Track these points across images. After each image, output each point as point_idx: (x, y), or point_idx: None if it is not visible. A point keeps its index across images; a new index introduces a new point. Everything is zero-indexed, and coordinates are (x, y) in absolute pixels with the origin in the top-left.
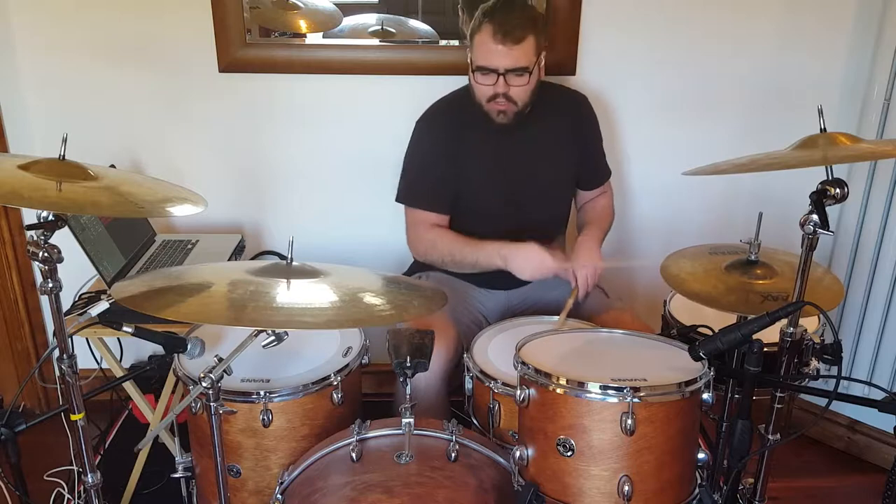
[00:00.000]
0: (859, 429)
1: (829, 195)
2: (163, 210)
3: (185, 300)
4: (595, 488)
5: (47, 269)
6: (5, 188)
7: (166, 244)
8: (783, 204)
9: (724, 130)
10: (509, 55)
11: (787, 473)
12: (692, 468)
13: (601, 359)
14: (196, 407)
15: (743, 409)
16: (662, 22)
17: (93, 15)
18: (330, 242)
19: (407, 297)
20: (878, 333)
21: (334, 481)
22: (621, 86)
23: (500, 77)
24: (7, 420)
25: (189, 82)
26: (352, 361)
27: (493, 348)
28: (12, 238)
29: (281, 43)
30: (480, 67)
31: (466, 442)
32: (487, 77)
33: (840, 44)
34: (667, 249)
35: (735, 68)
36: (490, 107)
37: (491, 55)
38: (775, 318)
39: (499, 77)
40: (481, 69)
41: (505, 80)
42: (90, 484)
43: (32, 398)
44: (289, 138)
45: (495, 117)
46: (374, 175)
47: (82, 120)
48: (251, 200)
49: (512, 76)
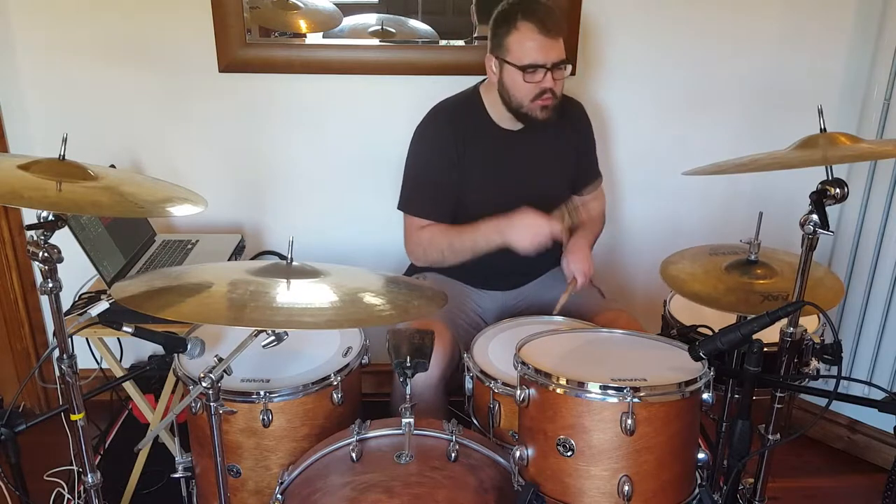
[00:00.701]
0: (859, 429)
1: (829, 195)
2: (163, 210)
3: (184, 300)
4: (595, 488)
5: (47, 269)
6: (5, 188)
7: (166, 244)
8: (783, 204)
9: (724, 130)
10: (555, 48)
11: (787, 473)
12: (692, 468)
13: (601, 359)
14: (196, 407)
15: (743, 409)
16: (662, 22)
17: (93, 15)
18: (330, 242)
19: (407, 298)
20: (878, 333)
21: (334, 481)
22: (621, 86)
23: (547, 72)
24: (7, 420)
25: (189, 82)
26: (352, 361)
27: (493, 348)
28: (12, 238)
29: (281, 43)
30: (530, 66)
31: (466, 442)
32: (536, 74)
33: (840, 44)
34: (666, 249)
35: (735, 68)
36: (533, 105)
37: (539, 51)
38: (775, 318)
39: (546, 72)
40: (530, 67)
41: (552, 75)
42: (90, 484)
43: (32, 398)
44: (289, 138)
45: (538, 114)
46: (374, 175)
47: (82, 120)
48: (251, 200)
49: (557, 70)
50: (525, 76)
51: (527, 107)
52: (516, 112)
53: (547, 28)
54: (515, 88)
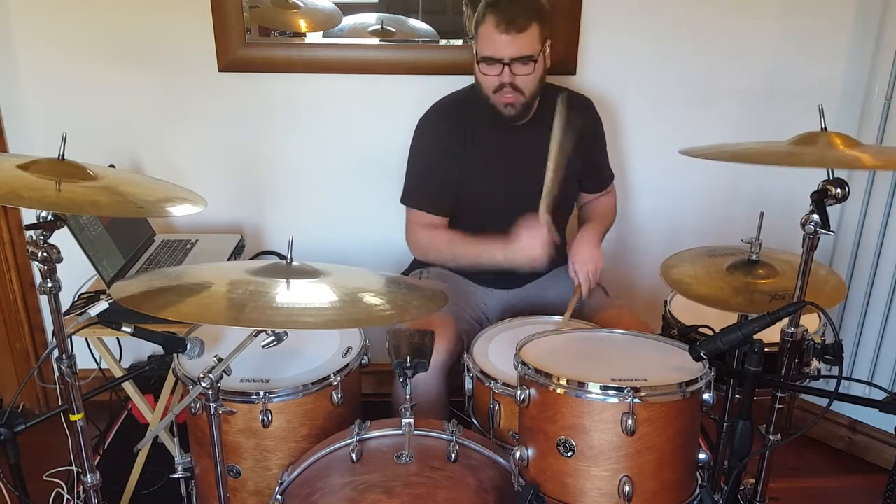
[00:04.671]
0: (860, 429)
1: (831, 195)
2: (162, 210)
3: (184, 300)
4: (595, 489)
5: (46, 269)
6: (5, 188)
7: (166, 244)
8: (783, 204)
9: (724, 131)
10: (513, 44)
11: (788, 474)
12: (693, 468)
13: (601, 359)
14: (195, 407)
15: (744, 409)
16: (663, 22)
17: (93, 15)
18: (330, 242)
19: (407, 298)
20: (879, 333)
21: (334, 482)
22: (621, 85)
23: (504, 67)
24: (6, 420)
25: (189, 82)
26: (352, 361)
27: (493, 348)
28: (12, 238)
29: (281, 42)
30: (485, 58)
31: (466, 442)
32: (493, 67)
33: (840, 45)
34: (667, 249)
35: (735, 69)
36: (497, 98)
37: (495, 45)
38: (776, 318)
39: (504, 67)
40: (486, 59)
41: (510, 70)
42: (90, 484)
43: (32, 398)
44: (288, 138)
45: (503, 110)
46: (373, 174)
47: (82, 120)
48: (251, 200)
49: (517, 65)
50: (481, 67)
51: (492, 99)
52: (485, 104)
53: (508, 22)
54: (479, 78)
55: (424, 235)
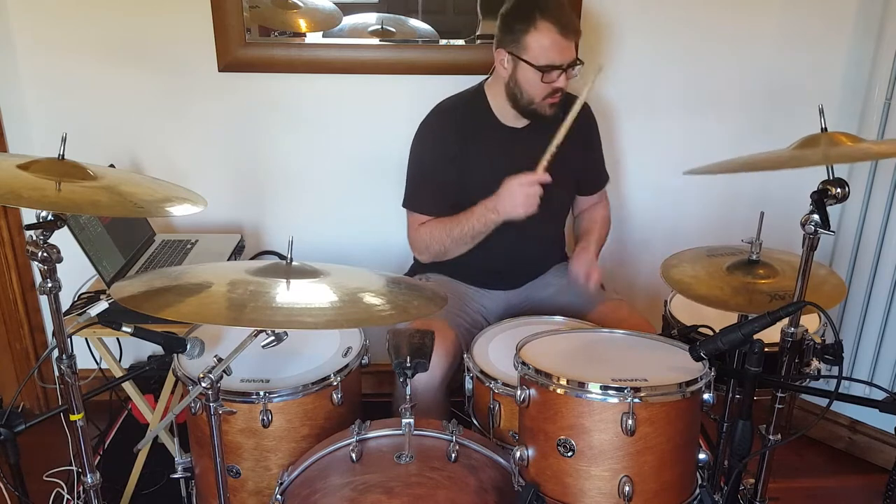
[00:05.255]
0: (860, 429)
1: (830, 195)
2: (162, 210)
3: (184, 300)
4: (595, 489)
5: (46, 269)
6: (5, 188)
7: (166, 244)
8: (783, 204)
9: (724, 130)
10: (571, 48)
11: (788, 474)
12: (693, 468)
13: (601, 359)
14: (195, 407)
15: (744, 409)
16: (663, 22)
17: (93, 15)
18: (330, 242)
19: (407, 298)
20: (879, 333)
21: (334, 482)
22: (621, 86)
23: (562, 73)
24: (6, 420)
25: (189, 82)
26: (351, 362)
27: (493, 348)
28: (12, 238)
29: (280, 42)
30: (548, 66)
31: (466, 442)
32: (551, 75)
33: (840, 44)
34: (667, 249)
35: (735, 68)
36: (543, 103)
37: (558, 52)
38: (776, 318)
39: (562, 73)
40: (548, 68)
41: (566, 75)
42: (90, 484)
43: (32, 398)
44: (288, 138)
45: (546, 111)
46: (374, 174)
47: (82, 120)
48: (251, 200)
49: (570, 69)
50: (543, 77)
51: (537, 104)
52: (524, 109)
53: (567, 28)
54: (529, 86)
55: (420, 231)
